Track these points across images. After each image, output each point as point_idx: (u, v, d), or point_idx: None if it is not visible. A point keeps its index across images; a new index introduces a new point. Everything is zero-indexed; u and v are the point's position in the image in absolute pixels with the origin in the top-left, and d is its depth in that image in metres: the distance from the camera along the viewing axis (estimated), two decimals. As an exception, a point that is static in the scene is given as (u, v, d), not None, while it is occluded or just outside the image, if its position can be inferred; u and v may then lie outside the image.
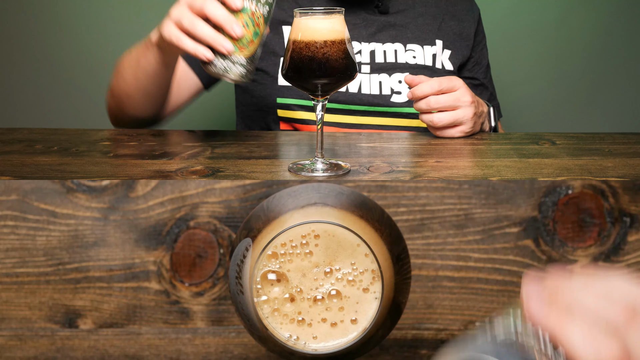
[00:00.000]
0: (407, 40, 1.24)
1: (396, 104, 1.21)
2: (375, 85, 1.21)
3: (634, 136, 1.03)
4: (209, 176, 0.79)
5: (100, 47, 1.85)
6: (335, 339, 0.73)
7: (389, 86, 1.21)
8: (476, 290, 0.78)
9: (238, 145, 0.97)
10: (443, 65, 1.25)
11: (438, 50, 1.25)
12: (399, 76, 1.22)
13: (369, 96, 1.20)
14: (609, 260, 0.78)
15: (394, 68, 1.22)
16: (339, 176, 0.79)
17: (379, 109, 1.21)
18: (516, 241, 0.77)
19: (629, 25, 1.87)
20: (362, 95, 1.20)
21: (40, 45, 1.86)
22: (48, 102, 1.89)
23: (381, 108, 1.21)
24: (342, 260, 0.72)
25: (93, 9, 1.84)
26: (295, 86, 0.83)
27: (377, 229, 0.76)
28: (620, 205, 0.77)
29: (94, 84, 1.87)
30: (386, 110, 1.21)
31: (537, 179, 0.77)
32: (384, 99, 1.21)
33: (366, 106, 1.20)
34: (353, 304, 0.73)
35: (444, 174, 0.81)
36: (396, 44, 1.24)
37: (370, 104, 1.20)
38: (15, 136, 1.02)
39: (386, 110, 1.21)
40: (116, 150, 0.93)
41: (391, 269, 0.75)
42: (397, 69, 1.22)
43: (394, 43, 1.24)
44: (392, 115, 1.21)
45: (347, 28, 0.81)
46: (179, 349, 0.79)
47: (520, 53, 1.86)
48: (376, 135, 1.06)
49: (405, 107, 1.21)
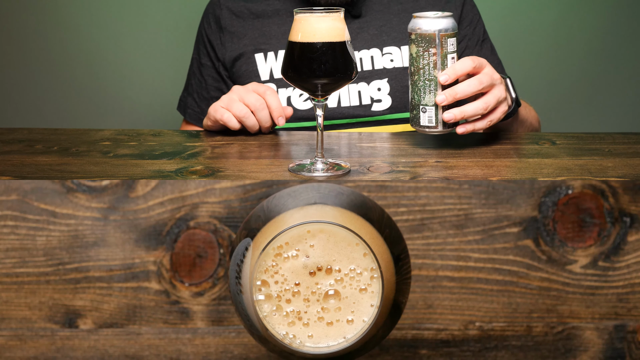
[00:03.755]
0: (383, 44, 1.21)
1: (377, 112, 1.19)
2: (355, 95, 1.19)
3: (634, 136, 1.03)
4: (209, 176, 0.79)
5: (100, 47, 1.85)
6: (334, 339, 0.73)
7: (368, 95, 1.19)
8: (476, 290, 0.78)
9: (238, 145, 0.97)
10: None
11: None
12: (378, 83, 1.19)
13: (349, 108, 1.18)
14: (609, 260, 0.78)
15: (371, 76, 1.19)
16: (339, 176, 0.79)
17: (361, 120, 1.18)
18: (516, 241, 0.77)
19: (629, 25, 1.87)
20: (342, 109, 1.19)
21: (40, 45, 1.86)
22: (48, 102, 1.89)
23: (363, 119, 1.18)
24: (342, 260, 0.72)
25: (93, 9, 1.84)
26: (296, 86, 0.83)
27: (377, 229, 0.76)
28: (620, 205, 0.77)
29: (94, 84, 1.87)
30: (368, 120, 1.19)
31: (537, 179, 0.77)
32: (365, 109, 1.19)
33: (347, 119, 1.18)
34: (352, 304, 0.73)
35: (444, 174, 0.81)
36: (372, 49, 1.20)
37: (352, 116, 1.18)
38: (15, 136, 1.02)
39: (368, 120, 1.19)
40: (116, 150, 0.93)
41: (391, 269, 0.75)
42: (375, 76, 1.19)
43: (370, 49, 1.20)
44: (374, 124, 1.19)
45: (347, 28, 0.81)
46: (179, 349, 0.79)
47: (520, 53, 1.86)
48: (376, 135, 1.06)
49: (387, 114, 1.19)
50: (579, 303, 0.78)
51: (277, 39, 1.20)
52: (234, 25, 1.23)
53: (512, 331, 0.79)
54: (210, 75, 1.25)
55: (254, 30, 1.22)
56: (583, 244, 0.78)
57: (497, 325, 0.79)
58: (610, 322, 0.79)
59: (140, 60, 1.86)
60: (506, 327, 0.79)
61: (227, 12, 1.24)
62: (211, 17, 1.26)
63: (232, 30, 1.23)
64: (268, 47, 1.20)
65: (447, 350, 0.79)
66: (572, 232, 0.77)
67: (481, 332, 0.79)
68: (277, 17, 1.22)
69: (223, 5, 1.25)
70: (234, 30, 1.23)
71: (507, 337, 0.79)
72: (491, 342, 0.79)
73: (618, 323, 0.79)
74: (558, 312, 0.79)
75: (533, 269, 0.78)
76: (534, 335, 0.79)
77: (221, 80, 1.25)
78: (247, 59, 1.21)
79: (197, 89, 1.27)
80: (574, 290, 0.78)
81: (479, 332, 0.79)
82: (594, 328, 0.79)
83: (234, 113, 1.00)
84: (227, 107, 1.01)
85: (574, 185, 0.77)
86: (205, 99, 1.25)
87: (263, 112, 1.00)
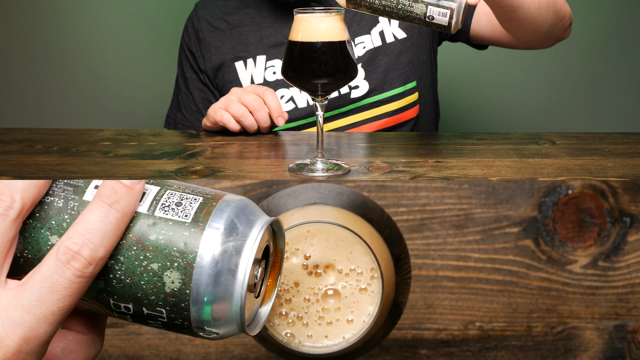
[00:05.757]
0: (354, 34, 1.20)
1: (356, 99, 1.18)
2: None
3: (634, 136, 1.03)
4: (209, 176, 0.79)
5: (100, 47, 1.85)
6: (334, 339, 0.73)
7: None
8: (476, 290, 0.78)
9: (238, 145, 0.97)
10: (394, 35, 1.20)
11: (384, 25, 1.20)
12: None
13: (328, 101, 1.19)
14: (609, 260, 0.78)
15: None
16: (339, 176, 0.79)
17: (342, 110, 1.18)
18: (516, 241, 0.77)
19: (629, 25, 1.87)
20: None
21: (40, 45, 1.86)
22: (48, 102, 1.89)
23: (344, 108, 1.18)
24: (342, 260, 0.73)
25: (93, 9, 1.85)
26: (296, 86, 0.83)
27: (377, 229, 0.76)
28: (620, 205, 0.77)
29: (94, 84, 1.87)
30: (348, 108, 1.18)
31: (537, 179, 0.77)
32: (343, 98, 1.18)
33: (329, 112, 1.18)
34: (352, 304, 0.73)
35: (444, 174, 0.81)
36: None
37: (331, 108, 1.18)
38: (15, 136, 1.02)
39: (348, 108, 1.18)
40: (116, 150, 0.93)
41: (391, 269, 0.75)
42: None
43: None
44: (356, 111, 1.18)
45: (347, 28, 0.81)
46: (179, 349, 0.79)
47: (520, 53, 1.86)
48: (376, 135, 1.06)
49: (366, 99, 1.18)
50: (579, 303, 0.78)
51: (255, 46, 1.21)
52: (212, 36, 1.24)
53: (512, 331, 0.79)
54: (197, 87, 1.26)
55: (232, 40, 1.23)
56: (583, 244, 0.78)
57: (497, 325, 0.79)
58: (610, 322, 0.79)
59: (140, 60, 1.86)
60: (506, 327, 0.79)
61: (206, 24, 1.26)
62: (191, 31, 1.28)
63: (211, 42, 1.24)
64: (246, 54, 1.21)
65: (447, 350, 0.79)
66: (572, 232, 0.77)
67: (481, 332, 0.79)
68: (253, 24, 1.23)
69: (201, 19, 1.27)
70: (212, 42, 1.24)
71: (507, 337, 0.79)
72: (491, 342, 0.79)
73: (618, 323, 0.79)
74: (558, 312, 0.79)
75: (533, 269, 0.78)
76: (534, 335, 0.79)
77: (208, 91, 1.26)
78: (227, 67, 1.22)
79: (184, 103, 1.28)
80: (574, 290, 0.78)
81: (479, 332, 0.79)
82: (594, 328, 0.79)
83: (232, 113, 1.00)
84: (225, 108, 1.01)
85: (574, 185, 0.77)
86: (194, 112, 1.26)
87: (261, 112, 1.00)
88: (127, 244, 0.44)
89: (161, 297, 0.44)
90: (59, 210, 0.44)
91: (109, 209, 0.42)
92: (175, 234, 0.44)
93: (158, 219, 0.44)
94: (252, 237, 0.46)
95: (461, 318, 0.79)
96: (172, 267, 0.44)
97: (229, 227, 0.45)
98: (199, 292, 0.44)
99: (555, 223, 0.77)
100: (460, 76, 1.85)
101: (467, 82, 1.87)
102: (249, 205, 0.48)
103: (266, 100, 1.01)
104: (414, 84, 1.19)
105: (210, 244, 0.44)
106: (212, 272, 0.44)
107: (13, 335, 0.40)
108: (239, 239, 0.45)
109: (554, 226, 0.77)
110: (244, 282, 0.45)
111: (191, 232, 0.44)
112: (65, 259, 0.41)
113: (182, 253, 0.44)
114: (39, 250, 0.44)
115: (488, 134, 1.06)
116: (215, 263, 0.44)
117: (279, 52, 1.20)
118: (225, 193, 0.48)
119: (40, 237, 0.44)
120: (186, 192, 0.46)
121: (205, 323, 0.45)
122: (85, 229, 0.41)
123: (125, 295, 0.44)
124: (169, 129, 1.29)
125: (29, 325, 0.40)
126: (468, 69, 1.85)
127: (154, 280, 0.43)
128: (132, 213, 0.43)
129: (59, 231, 0.43)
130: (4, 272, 0.42)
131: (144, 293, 0.44)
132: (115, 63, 1.86)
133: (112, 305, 0.45)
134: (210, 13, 1.27)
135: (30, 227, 0.44)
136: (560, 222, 0.77)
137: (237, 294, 0.45)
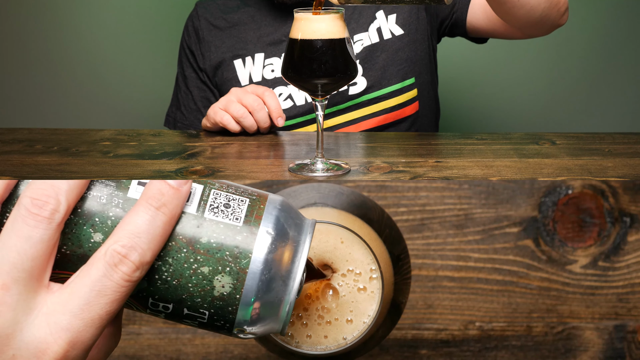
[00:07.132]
0: (352, 32, 1.20)
1: (354, 96, 1.17)
2: None
3: (634, 136, 1.03)
4: (209, 176, 0.79)
5: (100, 47, 1.86)
6: (334, 339, 0.73)
7: None
8: (476, 290, 0.78)
9: (238, 145, 0.97)
10: (392, 32, 1.20)
11: (382, 22, 1.20)
12: None
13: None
14: (609, 260, 0.78)
15: None
16: (339, 176, 0.79)
17: (340, 107, 1.18)
18: (516, 241, 0.77)
19: (629, 25, 1.87)
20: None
21: (40, 45, 1.86)
22: (48, 102, 1.89)
23: (342, 105, 1.18)
24: (341, 260, 0.72)
25: (93, 9, 1.85)
26: (296, 86, 0.83)
27: (377, 229, 0.76)
28: (620, 205, 0.77)
29: (94, 84, 1.87)
30: (346, 105, 1.18)
31: (537, 179, 0.77)
32: (342, 95, 1.18)
33: (326, 109, 1.18)
34: (351, 304, 0.72)
35: (444, 174, 0.81)
36: None
37: (330, 105, 1.17)
38: (15, 136, 1.02)
39: (346, 105, 1.18)
40: (116, 150, 0.93)
41: (391, 269, 0.75)
42: None
43: None
44: (354, 108, 1.18)
45: (347, 27, 0.81)
46: (179, 349, 0.79)
47: (520, 53, 1.86)
48: (376, 135, 1.06)
49: (364, 96, 1.17)
50: (579, 303, 0.78)
51: (253, 44, 1.21)
52: (212, 35, 1.25)
53: (512, 331, 0.79)
54: (196, 86, 1.27)
55: (231, 38, 1.24)
56: (583, 244, 0.78)
57: (497, 325, 0.79)
58: (610, 322, 0.79)
59: (140, 60, 1.86)
60: (506, 327, 0.79)
61: (205, 23, 1.26)
62: (191, 29, 1.28)
63: (210, 40, 1.24)
64: (245, 52, 1.21)
65: (447, 350, 0.79)
66: (572, 232, 0.77)
67: (481, 332, 0.79)
68: (252, 22, 1.23)
69: (201, 17, 1.27)
70: (212, 40, 1.24)
71: (507, 337, 0.79)
72: (491, 342, 0.79)
73: (618, 323, 0.79)
74: (558, 312, 0.79)
75: (533, 269, 0.78)
76: (534, 335, 0.79)
77: (207, 89, 1.26)
78: (227, 66, 1.22)
79: (184, 102, 1.28)
80: (574, 290, 0.78)
81: (479, 332, 0.79)
82: (594, 328, 0.79)
83: (231, 114, 1.00)
84: (225, 109, 1.01)
85: (574, 185, 0.77)
86: (193, 111, 1.27)
87: (261, 113, 1.00)
88: (176, 245, 0.42)
89: (207, 300, 0.43)
90: (102, 207, 0.42)
91: (156, 212, 0.41)
92: (227, 237, 0.43)
93: (208, 221, 0.43)
94: (303, 242, 0.45)
95: (461, 318, 0.79)
96: (223, 272, 0.42)
97: (280, 232, 0.44)
98: (248, 297, 0.43)
99: (555, 223, 0.77)
100: (461, 76, 1.85)
101: (467, 82, 1.87)
102: (291, 206, 0.47)
103: (266, 101, 1.01)
104: (412, 80, 1.19)
105: (264, 250, 0.43)
106: (265, 279, 0.43)
107: (60, 340, 0.39)
108: (291, 245, 0.45)
109: (554, 226, 0.77)
110: (295, 288, 0.45)
111: (244, 237, 0.43)
112: (114, 262, 0.40)
113: (235, 258, 0.43)
114: (79, 246, 0.42)
115: (488, 134, 1.06)
116: (268, 269, 0.43)
117: (277, 50, 1.20)
118: (266, 193, 0.46)
119: (82, 233, 0.42)
120: (230, 191, 0.45)
121: (248, 326, 0.44)
122: (133, 232, 0.40)
123: (169, 296, 0.43)
124: (169, 127, 1.29)
125: (76, 330, 0.39)
126: (468, 69, 1.85)
127: (202, 284, 0.42)
128: (179, 215, 0.42)
129: (103, 228, 0.42)
130: (47, 275, 0.40)
131: (189, 295, 0.43)
132: (115, 63, 1.86)
133: (149, 303, 0.43)
134: (210, 12, 1.27)
135: (71, 224, 0.42)
136: (560, 222, 0.77)
137: (287, 300, 0.44)
